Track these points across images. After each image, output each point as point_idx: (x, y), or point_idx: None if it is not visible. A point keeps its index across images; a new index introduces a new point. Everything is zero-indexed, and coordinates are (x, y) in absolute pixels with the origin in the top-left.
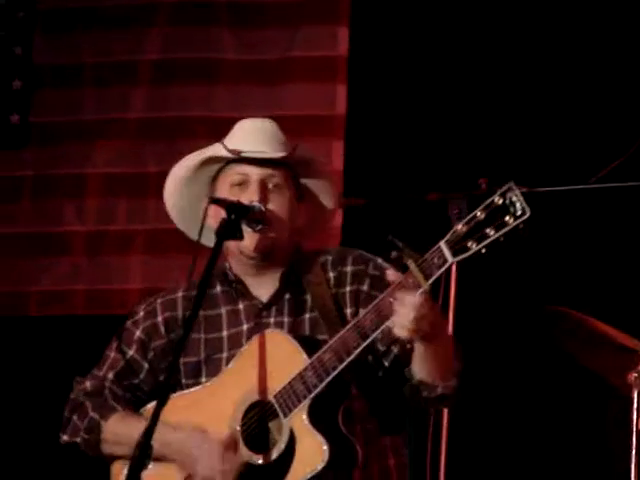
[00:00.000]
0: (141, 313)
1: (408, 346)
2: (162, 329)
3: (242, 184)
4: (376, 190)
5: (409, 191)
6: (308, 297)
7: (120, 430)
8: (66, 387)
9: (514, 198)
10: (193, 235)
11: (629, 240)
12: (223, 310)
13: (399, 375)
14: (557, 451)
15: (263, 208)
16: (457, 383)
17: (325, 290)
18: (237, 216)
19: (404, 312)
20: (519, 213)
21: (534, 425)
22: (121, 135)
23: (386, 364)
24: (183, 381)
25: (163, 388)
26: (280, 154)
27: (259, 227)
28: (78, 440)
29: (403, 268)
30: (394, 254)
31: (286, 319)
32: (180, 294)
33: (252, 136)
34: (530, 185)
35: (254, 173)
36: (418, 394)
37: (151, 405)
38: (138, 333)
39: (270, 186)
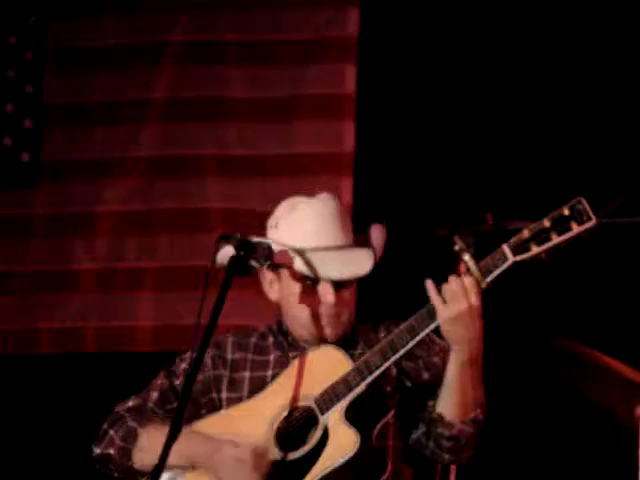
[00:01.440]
0: (188, 352)
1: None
2: (209, 363)
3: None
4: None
5: (418, 226)
6: (360, 351)
7: (156, 438)
8: (78, 423)
9: (581, 208)
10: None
11: (634, 275)
12: (272, 356)
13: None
14: None
15: (270, 245)
16: (473, 433)
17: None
18: (245, 253)
19: (452, 289)
20: (585, 219)
21: (540, 460)
22: (131, 173)
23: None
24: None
25: (175, 420)
26: (366, 269)
27: (267, 263)
28: (112, 452)
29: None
30: (457, 248)
31: None
32: (230, 339)
33: (323, 226)
34: (536, 218)
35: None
36: (433, 431)
37: (195, 423)
38: (184, 365)
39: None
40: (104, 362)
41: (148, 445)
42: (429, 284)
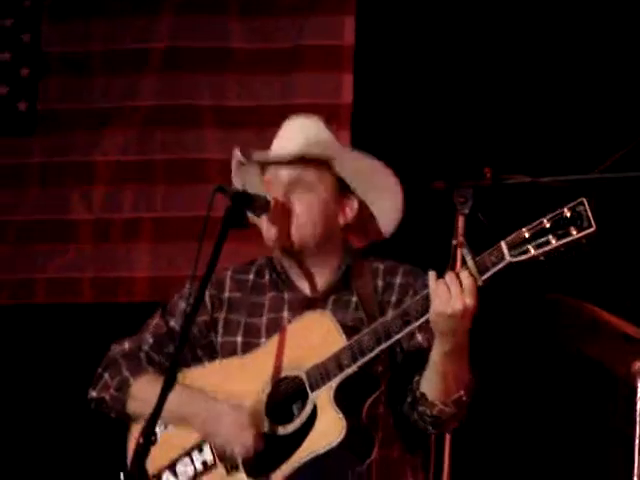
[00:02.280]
0: (187, 287)
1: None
2: (208, 306)
3: (273, 183)
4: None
5: (415, 179)
6: (354, 299)
7: (149, 390)
8: (71, 375)
9: (582, 211)
10: None
11: (633, 230)
12: (267, 297)
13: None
14: (560, 440)
15: (269, 197)
16: (455, 414)
17: (372, 295)
18: (242, 204)
19: (450, 287)
20: (584, 226)
21: (537, 415)
22: (129, 123)
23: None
24: (228, 359)
25: (170, 368)
26: (290, 155)
27: (264, 215)
28: (106, 397)
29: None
30: (455, 242)
31: None
32: (228, 275)
33: (286, 136)
34: (534, 175)
35: (282, 174)
36: (416, 408)
37: (188, 370)
38: (183, 305)
39: (298, 184)
40: (100, 312)
41: (141, 397)
42: (431, 275)
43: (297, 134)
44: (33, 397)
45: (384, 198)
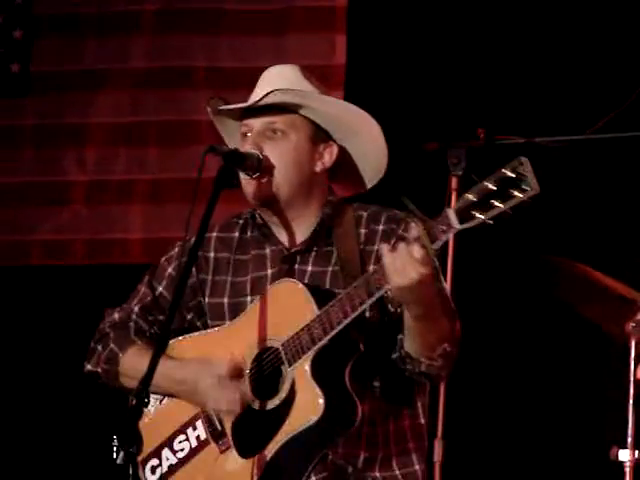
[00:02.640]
0: (176, 249)
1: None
2: (193, 268)
3: (247, 134)
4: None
5: (408, 140)
6: (334, 251)
7: (136, 364)
8: (66, 336)
9: (525, 173)
10: None
11: (626, 191)
12: (250, 254)
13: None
14: (554, 400)
15: (261, 156)
16: (443, 366)
17: (353, 245)
18: (234, 164)
19: (403, 260)
20: (528, 188)
21: (531, 375)
22: (122, 85)
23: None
24: (209, 322)
25: (161, 334)
26: (245, 104)
27: (256, 174)
28: (99, 371)
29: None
30: (407, 211)
31: (310, 268)
32: (214, 234)
33: (262, 85)
34: (528, 135)
35: (254, 123)
36: (404, 366)
37: (177, 340)
38: (170, 270)
39: (270, 133)
40: (94, 274)
41: (130, 373)
42: (384, 248)
43: (269, 83)
44: (28, 359)
45: (364, 142)
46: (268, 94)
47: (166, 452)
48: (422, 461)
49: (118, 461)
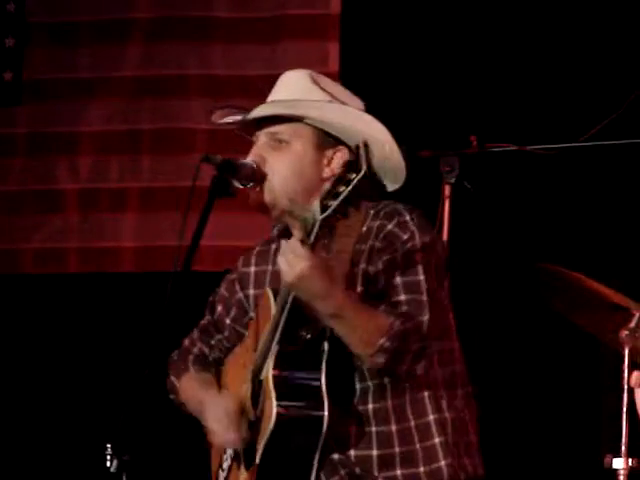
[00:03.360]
0: (236, 265)
1: None
2: (237, 286)
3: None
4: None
5: (401, 148)
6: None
7: (186, 393)
8: (57, 345)
9: (359, 154)
10: None
11: (619, 198)
12: (270, 266)
13: None
14: (547, 409)
15: (255, 165)
16: (390, 360)
17: (348, 245)
18: (228, 174)
19: (286, 257)
20: (357, 169)
21: (525, 383)
22: (115, 93)
23: None
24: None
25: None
26: (252, 115)
27: (250, 184)
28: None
29: None
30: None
31: None
32: (257, 248)
33: (273, 92)
34: (520, 143)
35: (260, 133)
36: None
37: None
38: (222, 290)
39: (274, 143)
40: (86, 283)
41: (185, 399)
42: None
43: (279, 92)
44: (21, 367)
45: (377, 150)
46: (258, 108)
47: (220, 472)
48: (451, 456)
49: (112, 469)
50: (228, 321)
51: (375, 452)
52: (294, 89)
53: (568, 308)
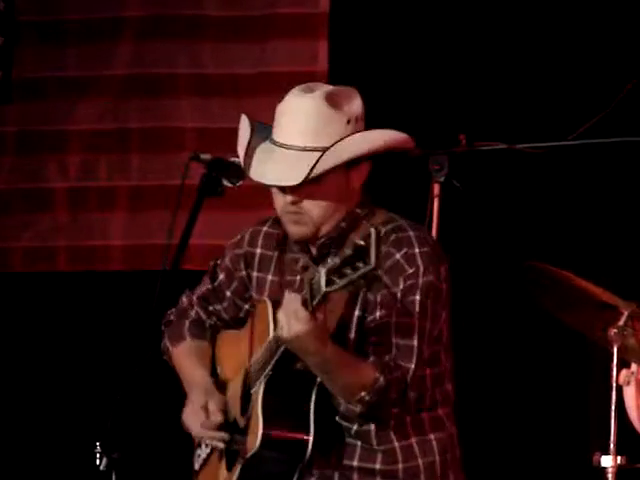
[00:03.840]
0: (237, 237)
1: None
2: (242, 263)
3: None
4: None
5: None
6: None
7: (180, 366)
8: (47, 344)
9: (368, 246)
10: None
11: (608, 197)
12: (290, 256)
13: None
14: (537, 405)
15: (242, 163)
16: (366, 412)
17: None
18: (218, 172)
19: (285, 304)
20: (367, 261)
21: (515, 381)
22: (104, 91)
23: None
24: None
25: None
26: (289, 181)
27: (239, 183)
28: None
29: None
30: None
31: None
32: (264, 228)
33: (291, 125)
34: (509, 141)
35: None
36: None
37: (222, 333)
38: (227, 261)
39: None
40: (76, 281)
41: (177, 367)
42: (269, 304)
43: (297, 128)
44: (10, 366)
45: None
46: (315, 164)
47: (198, 449)
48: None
49: (101, 467)
50: (229, 293)
51: (356, 463)
52: (317, 121)
53: (557, 306)
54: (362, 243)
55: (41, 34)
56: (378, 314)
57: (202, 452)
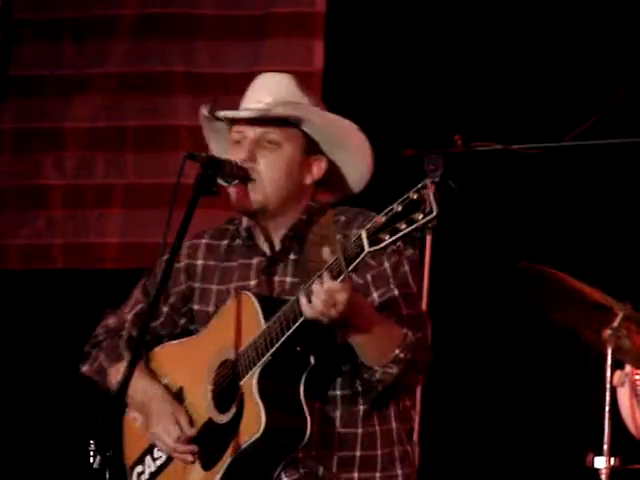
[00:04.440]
0: (166, 256)
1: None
2: (183, 276)
3: (239, 142)
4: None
5: (385, 147)
6: (306, 256)
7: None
8: (43, 340)
9: (426, 196)
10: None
11: (603, 198)
12: (237, 263)
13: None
14: (531, 406)
15: (239, 163)
16: (399, 374)
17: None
18: (213, 171)
19: (318, 294)
20: (428, 210)
21: (508, 381)
22: (100, 89)
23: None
24: (199, 328)
25: (136, 343)
26: (252, 114)
27: (235, 182)
28: (93, 377)
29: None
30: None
31: (289, 279)
32: (204, 241)
33: (255, 92)
34: (505, 142)
35: (249, 131)
36: (361, 374)
37: (158, 348)
38: (162, 276)
39: (264, 143)
40: (71, 278)
41: (116, 385)
42: (302, 301)
43: (265, 92)
44: (4, 364)
45: (353, 160)
46: (279, 106)
47: (148, 459)
48: (406, 466)
49: (95, 465)
50: (166, 309)
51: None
52: (280, 91)
53: (551, 307)
54: (415, 197)
55: (37, 32)
56: (376, 294)
57: (148, 466)
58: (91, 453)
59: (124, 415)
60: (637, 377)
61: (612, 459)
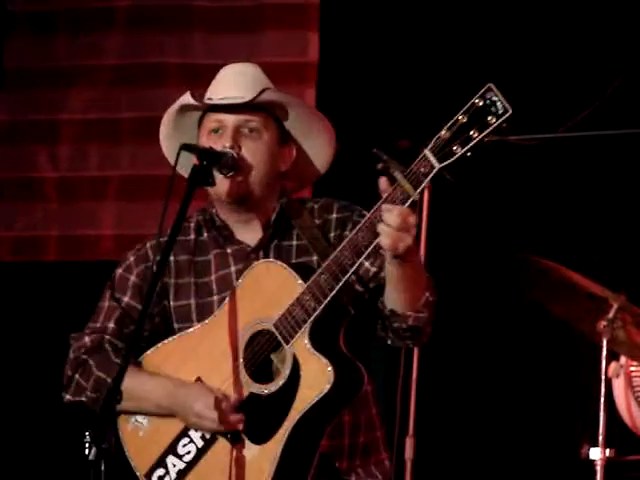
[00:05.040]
0: (132, 258)
1: (382, 274)
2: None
3: (218, 130)
4: (347, 137)
5: (380, 138)
6: (295, 243)
7: (128, 385)
8: (37, 333)
9: (494, 98)
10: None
11: (598, 189)
12: (211, 255)
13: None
14: (526, 398)
15: (235, 154)
16: (429, 316)
17: (316, 232)
18: (209, 162)
19: (392, 219)
20: (501, 112)
21: (503, 373)
22: (95, 81)
23: (371, 286)
24: (175, 325)
25: (133, 337)
26: (241, 99)
27: (231, 173)
28: (84, 399)
29: (391, 180)
30: (380, 166)
31: None
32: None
33: (228, 81)
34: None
35: (229, 119)
36: (390, 326)
37: (150, 351)
38: (133, 278)
39: (245, 131)
40: (66, 271)
41: (130, 387)
42: (385, 208)
43: (240, 81)
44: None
45: (319, 144)
46: (263, 91)
47: (171, 459)
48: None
49: (90, 457)
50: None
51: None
52: (254, 79)
53: (547, 298)
54: (480, 103)
55: (32, 24)
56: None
57: (172, 465)
58: (86, 445)
59: (119, 432)
60: (632, 368)
61: (607, 450)
